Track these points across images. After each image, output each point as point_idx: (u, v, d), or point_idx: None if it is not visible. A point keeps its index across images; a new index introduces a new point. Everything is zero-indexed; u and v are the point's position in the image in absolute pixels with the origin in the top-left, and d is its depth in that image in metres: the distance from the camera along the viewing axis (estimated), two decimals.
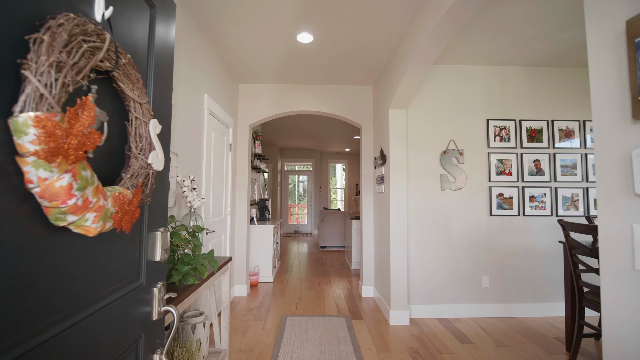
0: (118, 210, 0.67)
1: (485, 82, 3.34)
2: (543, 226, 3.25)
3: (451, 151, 3.25)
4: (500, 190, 3.25)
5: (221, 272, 2.05)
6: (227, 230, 3.40)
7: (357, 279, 4.56)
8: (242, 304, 3.52)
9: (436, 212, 3.23)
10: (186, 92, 2.33)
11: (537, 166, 3.29)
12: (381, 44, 2.90)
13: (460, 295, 3.19)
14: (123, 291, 0.83)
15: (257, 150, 4.86)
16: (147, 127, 0.86)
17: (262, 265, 4.37)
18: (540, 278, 3.22)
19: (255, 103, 3.92)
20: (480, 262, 3.21)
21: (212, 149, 2.90)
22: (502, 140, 3.30)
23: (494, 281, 3.21)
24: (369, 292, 3.79)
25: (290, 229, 10.09)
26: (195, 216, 2.15)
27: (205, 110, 2.70)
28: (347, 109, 3.94)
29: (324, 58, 3.21)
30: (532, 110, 3.34)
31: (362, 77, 3.68)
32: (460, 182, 3.24)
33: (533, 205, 3.26)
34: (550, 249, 3.24)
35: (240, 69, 3.49)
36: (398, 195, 3.06)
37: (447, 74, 3.34)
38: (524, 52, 3.08)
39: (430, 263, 3.20)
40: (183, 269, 1.49)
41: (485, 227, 3.23)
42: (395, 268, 3.01)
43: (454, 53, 3.11)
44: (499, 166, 3.28)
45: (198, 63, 2.57)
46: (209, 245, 2.84)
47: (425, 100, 3.31)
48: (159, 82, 1.01)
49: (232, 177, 3.58)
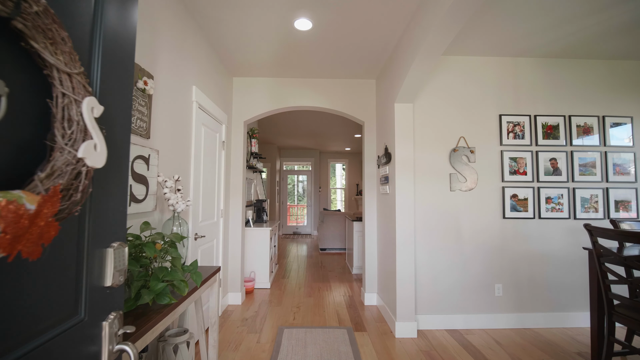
0: (6, 229, 0.43)
1: (497, 75, 3.10)
2: (560, 230, 3.01)
3: (461, 149, 3.02)
4: (514, 191, 3.01)
5: (208, 285, 1.81)
6: (219, 234, 3.16)
7: (358, 285, 4.32)
8: (236, 313, 3.28)
9: (445, 215, 2.99)
10: (170, 83, 2.09)
11: (553, 165, 3.06)
12: (386, 30, 2.66)
13: (471, 305, 2.95)
14: (49, 334, 0.59)
15: (253, 148, 4.62)
16: (79, 108, 0.62)
17: (258, 271, 4.13)
18: (558, 286, 2.98)
19: (251, 98, 3.68)
20: (493, 268, 2.98)
21: (202, 147, 2.66)
22: (516, 137, 3.06)
23: (507, 289, 2.97)
24: (372, 299, 3.55)
25: (289, 230, 9.85)
26: (179, 221, 1.91)
27: (193, 103, 2.46)
28: (349, 104, 3.70)
29: (323, 48, 2.97)
30: (548, 105, 3.10)
31: (364, 69, 3.44)
32: (471, 183, 3.00)
33: (549, 207, 3.02)
34: (568, 254, 3.00)
35: (234, 60, 3.25)
36: (404, 197, 2.82)
37: (457, 66, 3.10)
38: (539, 42, 2.85)
39: (438, 270, 2.97)
40: (156, 286, 1.25)
41: (498, 231, 3.00)
42: (401, 276, 2.77)
43: (464, 43, 2.87)
44: (513, 165, 3.04)
45: (185, 51, 2.33)
46: (198, 251, 2.60)
47: (433, 94, 3.07)
48: (112, 52, 0.77)
49: (225, 177, 3.34)
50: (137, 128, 1.66)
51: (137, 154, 1.65)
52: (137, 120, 1.65)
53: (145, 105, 1.75)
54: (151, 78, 1.79)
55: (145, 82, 1.69)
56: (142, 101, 1.71)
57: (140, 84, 1.66)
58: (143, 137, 1.73)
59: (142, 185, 1.70)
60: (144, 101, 1.72)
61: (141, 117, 1.70)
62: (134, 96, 1.63)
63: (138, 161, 1.66)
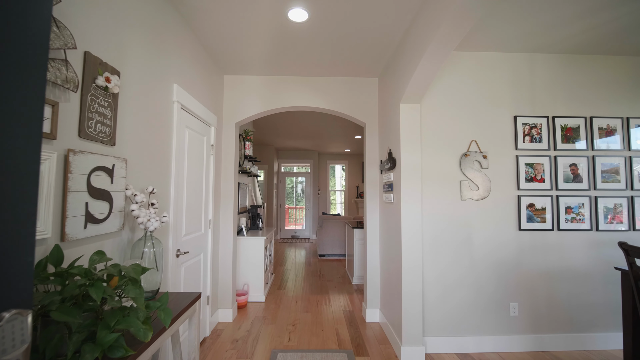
0: None
1: (512, 72, 2.83)
2: (581, 242, 2.74)
3: (473, 153, 2.74)
4: (531, 200, 2.74)
5: (185, 318, 1.53)
6: (207, 247, 2.89)
7: (359, 297, 4.05)
8: (226, 332, 3.00)
9: (455, 226, 2.72)
10: (144, 80, 1.81)
11: (573, 171, 2.79)
12: (391, 21, 2.39)
13: (484, 326, 2.68)
14: None
15: (247, 151, 4.34)
16: None
17: (252, 283, 3.85)
18: (579, 304, 2.71)
19: (244, 98, 3.41)
20: (508, 285, 2.71)
21: (185, 152, 2.39)
22: (533, 141, 2.79)
23: (523, 308, 2.70)
24: (374, 316, 3.28)
25: (288, 233, 9.57)
26: (152, 241, 1.63)
27: (174, 103, 2.18)
28: (349, 104, 3.42)
29: (321, 42, 2.70)
30: (568, 105, 2.83)
31: (366, 66, 3.17)
32: (483, 191, 2.73)
33: (569, 217, 2.75)
34: (590, 270, 2.73)
35: (225, 57, 2.97)
36: (411, 208, 2.55)
37: (467, 62, 2.83)
38: (558, 37, 2.58)
39: (448, 287, 2.69)
40: (105, 338, 0.98)
41: (513, 244, 2.73)
42: (408, 295, 2.50)
43: (475, 37, 2.60)
44: (529, 171, 2.77)
45: (165, 45, 2.05)
46: (181, 269, 2.33)
47: (442, 93, 2.80)
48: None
49: (215, 183, 3.06)
50: (97, 134, 1.39)
51: (97, 164, 1.37)
52: (96, 125, 1.38)
53: (109, 107, 1.47)
54: (116, 74, 1.51)
55: (108, 79, 1.42)
56: (104, 101, 1.44)
57: (101, 80, 1.39)
58: (105, 145, 1.46)
59: (104, 201, 1.42)
60: (106, 101, 1.45)
61: (102, 121, 1.42)
62: (92, 96, 1.36)
63: (98, 173, 1.38)
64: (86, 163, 1.30)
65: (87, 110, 1.33)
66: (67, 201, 1.20)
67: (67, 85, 1.19)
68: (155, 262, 1.64)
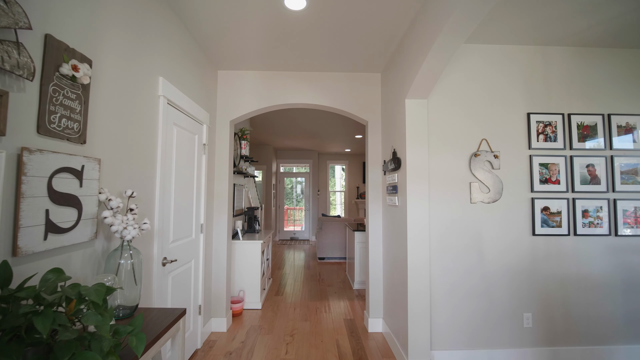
0: None
1: (525, 66, 2.64)
2: (599, 248, 2.56)
3: (483, 153, 2.56)
4: (546, 203, 2.56)
5: (167, 339, 1.35)
6: (199, 253, 2.70)
7: (360, 303, 3.87)
8: (219, 344, 2.81)
9: (465, 231, 2.54)
10: (124, 71, 1.63)
11: (590, 172, 2.61)
12: (396, 9, 2.20)
13: (495, 338, 2.50)
14: None
15: (243, 151, 4.16)
16: None
17: (248, 289, 3.67)
18: (598, 315, 2.53)
19: (238, 94, 3.22)
20: (521, 294, 2.52)
21: (173, 151, 2.20)
22: (547, 140, 2.61)
23: (538, 319, 2.52)
24: (377, 325, 3.09)
25: (286, 235, 9.39)
26: (130, 251, 1.45)
27: (160, 98, 1.99)
28: (350, 101, 3.24)
29: (320, 33, 2.51)
30: (584, 101, 2.65)
31: (368, 60, 2.99)
32: (494, 193, 2.55)
33: (586, 221, 2.57)
34: (609, 278, 2.55)
35: (218, 50, 2.79)
36: (418, 212, 2.36)
37: (477, 56, 2.64)
38: (574, 28, 2.40)
39: (457, 296, 2.51)
40: None
41: (526, 250, 2.54)
42: (414, 305, 2.32)
43: (486, 28, 2.42)
44: (544, 172, 2.59)
45: (149, 34, 1.87)
46: (168, 279, 2.14)
47: (450, 88, 2.62)
48: None
49: (208, 185, 2.88)
50: (62, 130, 1.20)
51: (61, 165, 1.19)
52: (60, 119, 1.19)
53: (78, 99, 1.29)
54: (87, 62, 1.33)
55: (75, 67, 1.23)
56: (71, 93, 1.25)
57: (66, 68, 1.20)
58: (72, 142, 1.27)
59: (70, 207, 1.24)
60: (74, 93, 1.26)
61: (69, 115, 1.23)
62: (56, 86, 1.17)
63: (62, 176, 1.20)
64: (46, 164, 1.12)
65: (48, 103, 1.14)
66: (20, 209, 1.02)
67: (19, 72, 1.00)
68: (133, 274, 1.45)
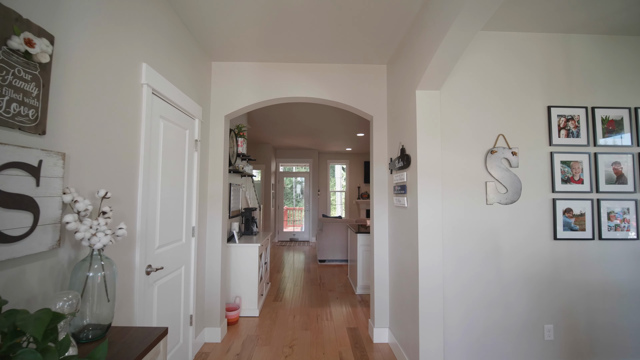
0: None
1: (545, 56, 2.43)
2: (627, 254, 2.35)
3: (500, 150, 2.35)
4: (568, 205, 2.35)
5: None
6: (190, 258, 2.48)
7: (364, 310, 3.65)
8: (212, 356, 2.60)
9: (480, 235, 2.33)
10: (97, 51, 1.41)
11: (616, 171, 2.40)
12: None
13: (514, 352, 2.29)
14: None
15: (240, 149, 3.94)
16: None
17: (244, 295, 3.45)
18: (625, 326, 2.32)
19: (235, 87, 3.01)
20: (542, 304, 2.31)
21: (160, 147, 1.99)
22: (570, 135, 2.40)
23: (560, 331, 2.31)
24: (383, 336, 2.88)
25: (286, 236, 9.17)
26: (101, 262, 1.23)
27: (143, 87, 1.78)
28: (353, 95, 3.02)
29: (321, 21, 2.30)
30: (609, 94, 2.44)
31: (373, 50, 2.77)
32: (513, 193, 2.33)
33: (612, 224, 2.36)
34: (637, 286, 2.34)
35: (213, 39, 2.57)
36: (430, 214, 2.15)
37: (493, 44, 2.43)
38: (598, 15, 2.19)
39: (471, 306, 2.30)
40: None
41: (547, 256, 2.33)
42: (426, 318, 2.10)
43: (504, 15, 2.21)
44: (566, 171, 2.38)
45: (131, 13, 1.65)
46: (154, 289, 1.92)
47: (464, 79, 2.41)
48: None
49: (200, 184, 2.66)
50: (11, 116, 0.99)
51: (10, 159, 0.97)
52: (9, 104, 0.98)
53: (34, 81, 1.07)
54: (46, 37, 1.11)
55: (30, 42, 1.02)
56: (26, 73, 1.03)
57: (17, 42, 0.98)
58: (27, 133, 1.05)
59: (24, 211, 1.02)
60: (29, 73, 1.05)
61: (21, 99, 1.02)
62: (3, 62, 0.96)
63: (12, 172, 0.98)
64: None
65: None
66: None
67: None
68: (105, 289, 1.24)
